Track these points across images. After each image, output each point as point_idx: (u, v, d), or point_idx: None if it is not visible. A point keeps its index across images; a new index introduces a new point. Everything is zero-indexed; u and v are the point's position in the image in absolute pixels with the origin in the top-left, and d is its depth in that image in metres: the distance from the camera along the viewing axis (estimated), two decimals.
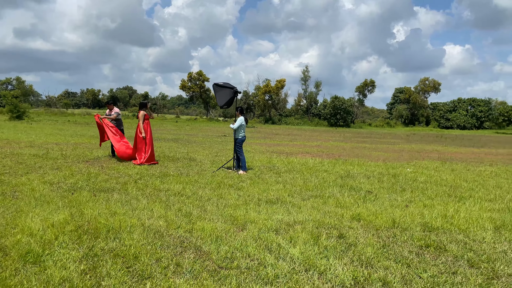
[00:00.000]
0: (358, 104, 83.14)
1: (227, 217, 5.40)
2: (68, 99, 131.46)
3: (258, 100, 79.66)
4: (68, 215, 4.98)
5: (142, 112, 11.25)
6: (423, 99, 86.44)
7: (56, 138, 19.80)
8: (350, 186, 8.68)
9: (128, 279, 3.29)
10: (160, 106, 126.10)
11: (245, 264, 3.80)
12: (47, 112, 74.52)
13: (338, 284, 3.46)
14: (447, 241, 4.81)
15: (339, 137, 39.68)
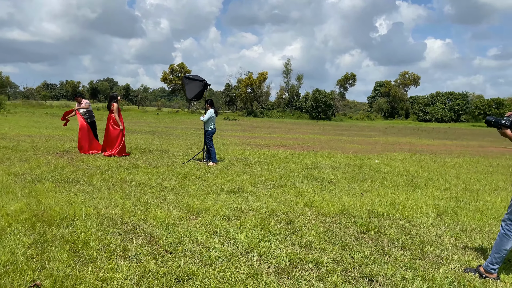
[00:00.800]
0: (339, 97, 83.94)
1: (183, 206, 5.60)
2: (47, 91, 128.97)
3: (240, 93, 79.67)
4: (24, 204, 5.11)
5: (116, 105, 11.29)
6: (403, 93, 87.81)
7: (30, 131, 19.61)
8: (313, 177, 8.97)
9: (73, 263, 3.47)
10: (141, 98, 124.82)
11: (190, 248, 4.01)
12: (24, 104, 73.13)
13: (274, 264, 3.71)
14: (388, 226, 5.12)
15: (318, 130, 40.15)
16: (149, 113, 69.02)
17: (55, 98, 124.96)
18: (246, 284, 3.25)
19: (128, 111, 74.33)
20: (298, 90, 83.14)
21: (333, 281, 3.39)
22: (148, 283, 3.16)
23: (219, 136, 23.21)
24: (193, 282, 3.24)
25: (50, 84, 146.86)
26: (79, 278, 3.15)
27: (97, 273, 3.29)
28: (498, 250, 3.58)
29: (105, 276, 3.22)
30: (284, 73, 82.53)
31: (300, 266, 3.72)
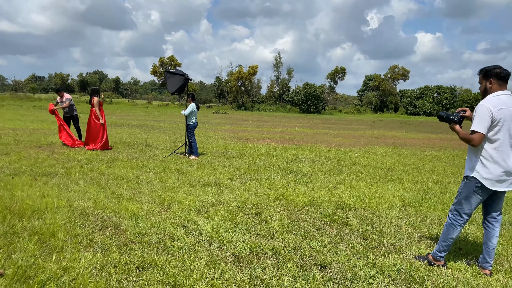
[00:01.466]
0: (329, 91, 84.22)
1: (156, 199, 5.75)
2: (35, 83, 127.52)
3: (230, 86, 79.54)
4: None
5: (96, 98, 11.35)
6: (392, 87, 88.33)
7: (15, 124, 19.52)
8: (291, 170, 9.15)
9: (38, 253, 3.60)
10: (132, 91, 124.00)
11: (156, 239, 4.17)
12: (12, 97, 72.22)
13: (234, 254, 3.88)
14: (352, 217, 5.32)
15: (307, 123, 40.39)
16: (139, 106, 68.68)
17: (44, 91, 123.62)
18: (203, 272, 3.42)
19: (118, 104, 73.87)
20: (288, 84, 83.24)
21: (287, 269, 3.58)
22: (108, 272, 3.32)
23: (205, 130, 23.31)
24: (153, 271, 3.40)
25: (38, 77, 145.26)
26: (41, 267, 3.30)
27: (60, 262, 3.43)
28: (445, 238, 3.79)
29: (67, 265, 3.37)
30: (275, 66, 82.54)
31: (260, 255, 3.90)
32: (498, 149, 3.48)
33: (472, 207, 3.67)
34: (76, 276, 3.20)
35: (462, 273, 3.66)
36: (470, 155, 3.68)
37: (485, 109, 3.44)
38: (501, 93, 3.51)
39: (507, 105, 3.45)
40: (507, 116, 3.44)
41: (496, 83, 3.53)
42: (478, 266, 3.82)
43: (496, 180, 3.51)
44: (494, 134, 3.47)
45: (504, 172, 3.50)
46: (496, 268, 3.82)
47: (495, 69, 3.53)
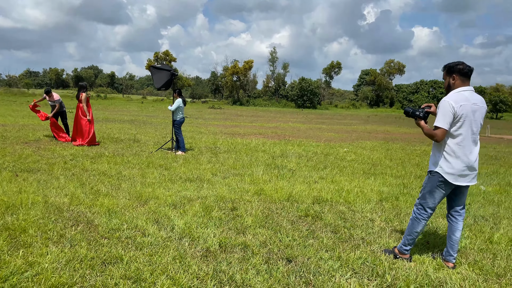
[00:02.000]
0: (325, 86, 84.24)
1: (134, 194, 5.77)
2: (30, 78, 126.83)
3: (226, 81, 79.41)
4: None
5: (84, 94, 11.33)
6: (388, 81, 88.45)
7: (5, 120, 19.44)
8: (276, 165, 9.20)
9: (6, 248, 3.63)
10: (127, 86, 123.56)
11: (127, 234, 4.20)
12: (6, 92, 71.77)
13: (203, 248, 3.92)
14: (327, 212, 5.37)
15: (301, 118, 40.44)
16: (134, 102, 68.47)
17: (39, 86, 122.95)
18: (168, 266, 3.46)
19: (112, 99, 73.62)
20: (284, 79, 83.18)
21: (253, 263, 3.62)
22: (73, 267, 3.35)
23: (198, 125, 23.32)
24: (118, 265, 3.43)
25: (33, 72, 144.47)
26: (7, 262, 3.32)
27: (26, 258, 3.46)
28: (410, 232, 3.84)
29: (33, 260, 3.39)
30: (270, 61, 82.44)
31: (228, 250, 3.94)
32: (460, 144, 3.53)
33: (436, 201, 3.72)
34: (40, 271, 3.23)
35: (425, 266, 3.71)
36: (434, 150, 3.73)
37: (448, 105, 3.48)
38: (464, 89, 3.56)
39: (469, 101, 3.50)
40: (469, 111, 3.48)
41: (459, 79, 3.58)
42: (442, 259, 3.87)
43: (459, 174, 3.56)
44: (456, 129, 3.51)
45: (466, 167, 3.55)
46: (460, 261, 3.88)
47: (458, 65, 3.58)
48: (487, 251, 4.16)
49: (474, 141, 3.58)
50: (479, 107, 3.54)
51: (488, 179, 8.56)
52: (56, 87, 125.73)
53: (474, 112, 3.51)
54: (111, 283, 3.12)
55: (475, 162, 3.59)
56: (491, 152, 14.51)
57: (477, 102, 3.54)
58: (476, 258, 3.96)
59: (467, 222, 5.17)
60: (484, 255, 4.04)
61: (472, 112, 3.49)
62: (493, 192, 7.09)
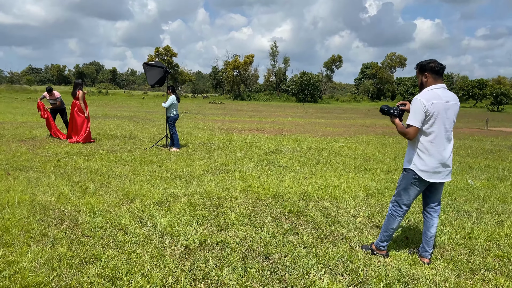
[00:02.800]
0: (326, 79, 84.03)
1: (121, 192, 5.83)
2: (32, 75, 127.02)
3: (227, 76, 79.33)
4: None
5: (81, 92, 11.38)
6: (389, 74, 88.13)
7: (4, 117, 19.56)
8: (268, 161, 9.24)
9: None
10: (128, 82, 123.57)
11: (109, 233, 4.26)
12: (8, 89, 72.04)
13: (182, 246, 3.98)
14: (312, 208, 5.42)
15: (301, 113, 40.43)
16: (135, 97, 68.58)
17: (40, 83, 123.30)
18: (145, 265, 3.52)
19: (114, 95, 73.78)
20: (285, 73, 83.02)
21: (230, 260, 3.68)
22: (52, 266, 3.41)
23: (196, 120, 23.37)
24: (96, 264, 3.50)
25: (35, 68, 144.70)
26: None
27: (6, 257, 3.53)
28: (386, 229, 3.88)
29: (12, 260, 3.46)
30: (271, 55, 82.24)
31: (208, 247, 4.00)
32: (433, 141, 3.56)
33: (410, 198, 3.76)
34: (18, 270, 3.29)
35: (400, 262, 3.76)
36: (409, 148, 3.77)
37: (419, 103, 3.51)
38: (436, 87, 3.58)
39: (441, 98, 3.52)
40: (441, 109, 3.50)
41: (431, 77, 3.61)
42: (418, 255, 3.92)
43: (432, 172, 3.59)
44: (428, 127, 3.54)
45: (440, 164, 3.58)
46: (436, 257, 3.93)
47: (429, 63, 3.61)
48: (464, 247, 4.19)
49: (447, 138, 3.60)
50: (452, 104, 3.57)
51: (479, 173, 8.58)
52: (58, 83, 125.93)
53: (447, 110, 3.53)
54: (86, 282, 3.19)
55: (448, 159, 3.62)
56: (487, 145, 14.50)
57: (450, 100, 3.56)
58: (452, 253, 4.00)
59: (450, 217, 5.21)
60: (461, 250, 4.08)
61: (444, 109, 3.52)
62: (481, 187, 7.12)
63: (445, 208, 5.63)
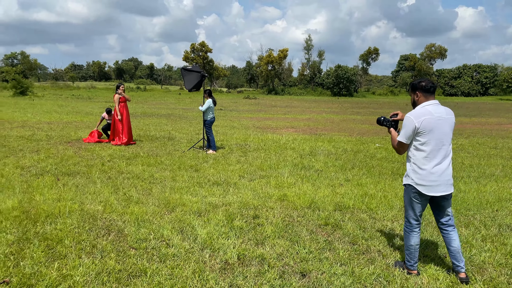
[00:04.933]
0: (361, 72, 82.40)
1: (162, 201, 6.09)
2: (74, 72, 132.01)
3: (260, 70, 79.40)
4: (17, 201, 5.71)
5: (116, 95, 11.84)
6: (429, 66, 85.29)
7: (51, 117, 20.55)
8: (303, 165, 9.30)
9: (44, 260, 4.00)
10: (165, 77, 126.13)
11: (153, 245, 4.49)
12: (53, 86, 75.35)
13: (222, 261, 4.14)
14: (348, 220, 5.45)
15: (336, 108, 39.98)
16: (171, 93, 70.05)
17: (83, 79, 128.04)
18: (187, 281, 3.70)
19: (151, 91, 75.67)
20: (319, 66, 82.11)
21: (268, 277, 3.80)
22: (102, 280, 3.66)
23: (231, 118, 23.66)
24: (142, 279, 3.72)
25: (77, 65, 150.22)
26: (43, 275, 3.68)
27: (61, 270, 3.81)
28: (406, 247, 3.95)
29: (66, 273, 3.74)
30: (305, 49, 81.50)
31: (246, 262, 4.14)
32: (427, 156, 3.65)
33: (416, 212, 3.84)
34: (72, 284, 3.56)
35: (439, 283, 3.75)
36: (407, 163, 3.88)
37: (409, 120, 3.67)
38: (428, 103, 3.70)
39: (433, 114, 3.63)
40: (433, 125, 3.60)
41: (423, 96, 3.75)
42: (453, 272, 3.91)
43: (430, 185, 3.66)
44: (422, 143, 3.66)
45: (437, 177, 3.65)
46: (475, 278, 3.88)
47: (420, 83, 3.75)
48: (506, 266, 4.12)
49: (443, 152, 3.66)
50: (445, 119, 3.67)
51: None
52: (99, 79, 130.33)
53: (440, 125, 3.62)
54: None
55: (444, 172, 3.66)
56: None
57: (442, 115, 3.66)
58: (492, 274, 3.95)
59: (491, 232, 5.10)
60: (501, 271, 4.02)
61: (437, 124, 3.61)
62: None
63: (486, 221, 5.51)
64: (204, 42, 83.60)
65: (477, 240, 4.84)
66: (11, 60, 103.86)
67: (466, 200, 6.46)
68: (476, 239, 4.87)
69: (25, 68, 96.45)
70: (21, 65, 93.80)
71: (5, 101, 33.32)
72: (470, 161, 10.40)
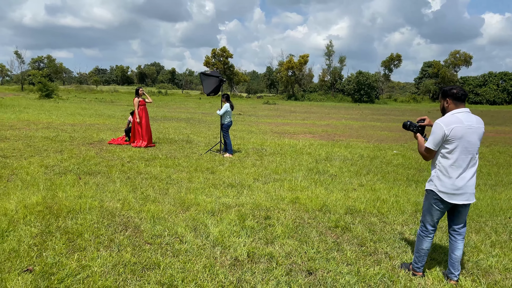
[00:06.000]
0: (383, 79, 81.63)
1: (178, 200, 6.30)
2: (98, 75, 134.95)
3: (281, 76, 79.62)
4: (41, 197, 6.02)
5: (136, 99, 12.21)
6: (453, 73, 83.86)
7: (75, 119, 21.19)
8: (317, 170, 9.39)
9: (65, 251, 4.25)
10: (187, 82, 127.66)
11: (167, 241, 4.69)
12: (77, 90, 77.33)
13: (232, 257, 4.30)
14: (358, 223, 5.54)
15: (356, 114, 39.74)
16: (192, 98, 70.87)
17: (106, 83, 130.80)
18: (198, 274, 3.88)
19: (173, 95, 76.76)
20: (340, 72, 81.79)
21: (275, 274, 3.94)
22: (118, 271, 3.87)
23: (249, 123, 23.86)
24: (155, 271, 3.91)
25: (101, 69, 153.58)
26: (63, 264, 3.92)
27: (80, 261, 4.05)
28: (417, 249, 3.99)
29: (85, 264, 3.97)
30: (326, 55, 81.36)
31: (255, 259, 4.29)
32: (453, 164, 3.66)
33: (434, 218, 3.86)
34: (90, 274, 3.78)
35: (442, 284, 3.82)
36: (431, 169, 3.88)
37: (438, 127, 3.67)
38: (458, 111, 3.69)
39: (463, 122, 3.62)
40: (462, 133, 3.60)
41: (453, 103, 3.73)
42: (445, 276, 3.97)
43: (452, 193, 3.69)
44: (449, 151, 3.66)
45: (460, 186, 3.67)
46: (480, 281, 3.93)
47: (451, 90, 3.75)
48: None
49: (469, 162, 3.67)
50: (475, 128, 3.65)
51: None
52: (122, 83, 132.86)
53: (469, 134, 3.62)
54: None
55: (468, 182, 3.68)
56: None
57: (472, 123, 3.65)
58: (497, 278, 3.98)
59: (501, 239, 5.11)
60: (507, 275, 4.05)
61: (466, 133, 3.61)
62: None
63: (497, 228, 5.51)
64: (225, 47, 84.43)
65: (486, 245, 4.86)
66: (38, 63, 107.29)
67: (479, 207, 6.45)
68: (485, 244, 4.89)
69: (51, 72, 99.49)
70: (47, 69, 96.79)
71: (32, 103, 34.46)
72: (488, 169, 10.29)
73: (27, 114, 23.08)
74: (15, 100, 40.11)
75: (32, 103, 35.73)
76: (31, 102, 37.42)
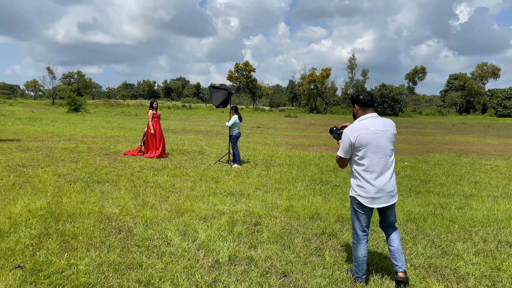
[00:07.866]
0: (407, 92, 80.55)
1: (175, 207, 6.55)
2: (126, 90, 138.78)
3: (303, 89, 79.83)
4: (46, 202, 6.39)
5: (150, 111, 12.66)
6: (480, 86, 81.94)
7: (96, 132, 21.94)
8: (320, 180, 9.48)
9: (58, 251, 4.54)
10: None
11: (155, 244, 4.92)
12: (105, 104, 79.77)
13: (213, 260, 4.48)
14: (346, 230, 5.62)
15: None
16: (215, 111, 71.77)
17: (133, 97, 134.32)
18: (176, 274, 4.08)
19: (196, 109, 78.03)
20: (363, 85, 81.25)
21: (251, 275, 4.10)
22: (102, 270, 4.12)
23: (266, 135, 24.07)
24: (137, 271, 4.14)
25: (129, 84, 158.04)
26: (53, 263, 4.20)
27: (69, 260, 4.32)
28: (354, 258, 4.05)
29: (73, 263, 4.24)
30: (349, 68, 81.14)
31: (235, 262, 4.46)
32: (367, 170, 3.76)
33: (362, 223, 3.94)
34: (75, 271, 4.04)
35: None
36: (350, 176, 4.00)
37: (345, 135, 3.81)
38: (365, 117, 3.83)
39: (368, 128, 3.73)
40: (368, 139, 3.71)
41: (360, 109, 3.88)
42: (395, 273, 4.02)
43: (371, 197, 3.79)
44: (360, 157, 3.77)
45: (378, 190, 3.77)
46: (452, 286, 3.96)
47: (359, 96, 3.87)
48: (488, 278, 4.15)
49: (383, 165, 3.75)
50: (382, 131, 3.76)
51: None
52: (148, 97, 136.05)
53: (376, 138, 3.72)
54: (126, 285, 3.83)
55: (386, 185, 3.77)
56: None
57: (379, 128, 3.76)
58: (470, 284, 4.00)
59: (487, 247, 5.09)
60: (482, 282, 4.06)
61: (372, 139, 3.71)
62: None
63: (486, 238, 5.48)
64: (248, 62, 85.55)
65: (469, 254, 4.86)
66: (69, 79, 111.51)
67: (474, 218, 6.40)
68: (469, 253, 4.89)
69: (80, 87, 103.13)
70: (76, 84, 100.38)
71: (59, 117, 35.80)
72: (497, 182, 10.11)
73: (53, 127, 24.05)
74: (44, 114, 41.77)
75: (60, 116, 37.12)
76: (59, 115, 38.89)
